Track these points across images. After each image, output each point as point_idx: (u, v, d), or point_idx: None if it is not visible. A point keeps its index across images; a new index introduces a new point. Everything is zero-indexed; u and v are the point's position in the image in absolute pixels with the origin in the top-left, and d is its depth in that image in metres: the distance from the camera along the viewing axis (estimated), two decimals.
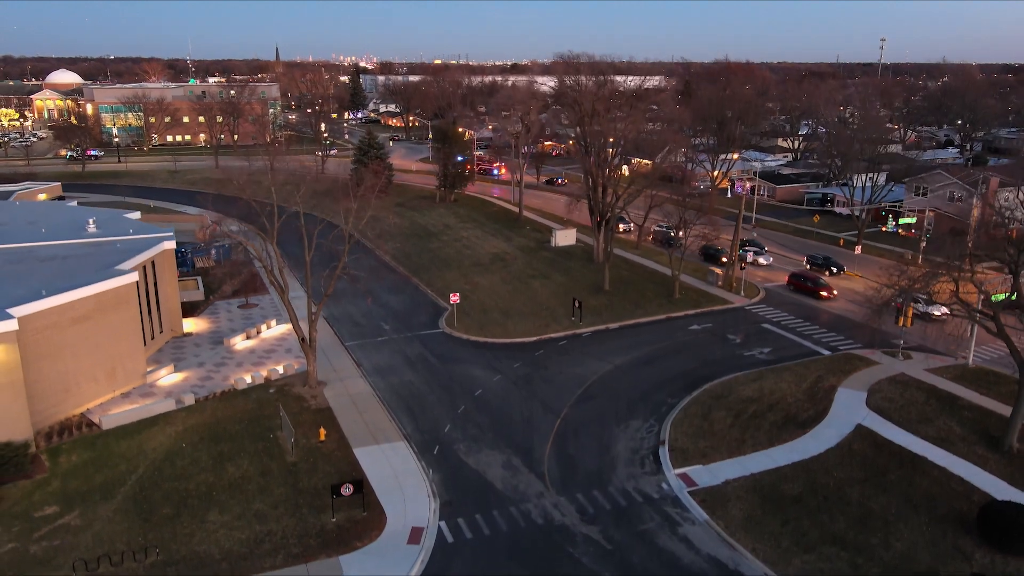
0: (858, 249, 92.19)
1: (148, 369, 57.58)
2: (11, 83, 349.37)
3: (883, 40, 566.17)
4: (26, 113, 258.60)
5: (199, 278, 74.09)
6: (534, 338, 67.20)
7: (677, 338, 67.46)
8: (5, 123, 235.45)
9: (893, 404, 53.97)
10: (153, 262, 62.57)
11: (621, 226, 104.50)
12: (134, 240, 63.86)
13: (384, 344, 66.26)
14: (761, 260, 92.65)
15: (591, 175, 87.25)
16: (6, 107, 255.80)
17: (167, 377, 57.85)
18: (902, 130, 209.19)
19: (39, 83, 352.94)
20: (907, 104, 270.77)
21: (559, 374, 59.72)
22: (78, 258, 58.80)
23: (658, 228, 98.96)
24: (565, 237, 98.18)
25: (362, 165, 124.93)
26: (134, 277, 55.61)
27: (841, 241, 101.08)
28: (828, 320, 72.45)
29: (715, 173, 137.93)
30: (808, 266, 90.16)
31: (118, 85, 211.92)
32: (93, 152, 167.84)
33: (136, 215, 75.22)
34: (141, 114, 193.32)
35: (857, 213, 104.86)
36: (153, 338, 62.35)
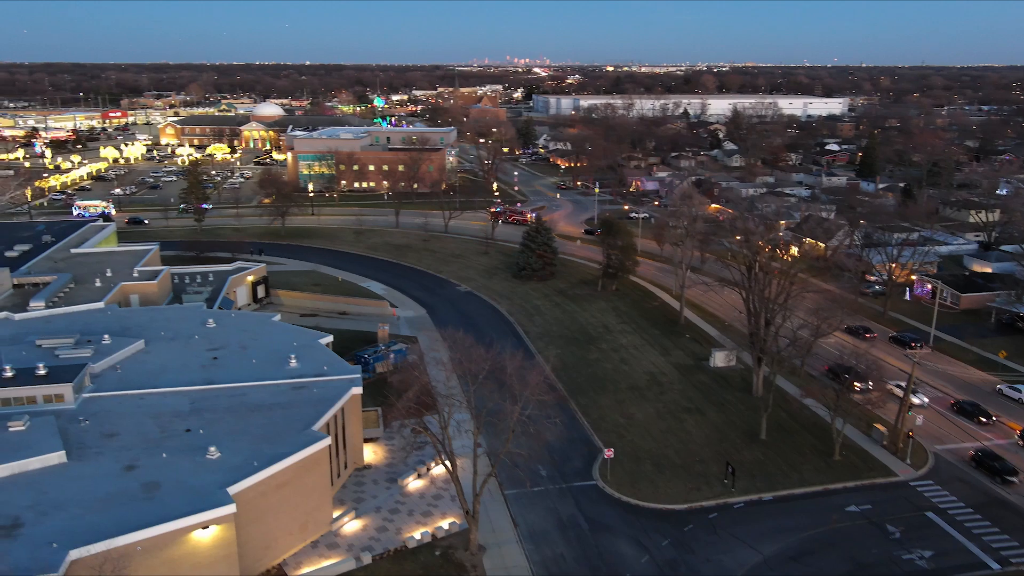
0: None
1: (334, 515, 65.31)
2: (224, 105, 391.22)
3: None
4: (235, 145, 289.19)
5: (379, 410, 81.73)
6: (684, 506, 69.04)
7: (832, 524, 66.76)
8: (219, 157, 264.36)
9: None
10: (343, 408, 70.51)
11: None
12: (327, 385, 72.02)
13: (539, 497, 70.64)
14: None
15: (752, 313, 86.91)
16: (219, 141, 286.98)
17: (349, 524, 65.35)
18: None
19: (248, 103, 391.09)
20: None
21: (706, 562, 61.35)
22: (282, 410, 67.41)
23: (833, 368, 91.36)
24: (724, 358, 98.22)
25: (529, 251, 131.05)
26: (327, 441, 63.35)
27: None
28: (1006, 515, 68.30)
29: (892, 266, 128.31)
30: (1020, 441, 79.23)
31: (315, 134, 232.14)
32: (204, 205, 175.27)
33: (328, 340, 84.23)
34: (332, 162, 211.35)
35: None
36: (339, 476, 70.34)
